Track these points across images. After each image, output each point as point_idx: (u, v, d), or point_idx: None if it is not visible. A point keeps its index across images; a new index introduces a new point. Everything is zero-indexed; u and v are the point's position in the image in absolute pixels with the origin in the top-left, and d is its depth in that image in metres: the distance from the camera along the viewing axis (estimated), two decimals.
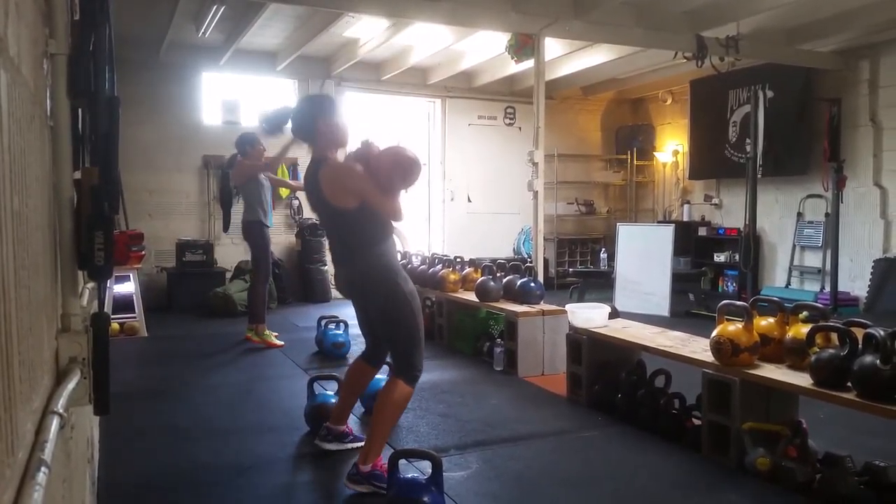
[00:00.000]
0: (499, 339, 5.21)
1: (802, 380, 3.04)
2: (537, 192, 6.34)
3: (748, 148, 7.48)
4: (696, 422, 3.61)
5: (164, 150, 8.10)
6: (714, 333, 3.41)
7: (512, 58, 6.74)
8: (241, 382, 4.81)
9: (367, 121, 9.33)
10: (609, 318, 4.46)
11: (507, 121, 10.34)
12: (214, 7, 6.05)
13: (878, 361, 2.75)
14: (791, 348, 3.26)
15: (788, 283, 8.70)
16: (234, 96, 8.58)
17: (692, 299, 8.27)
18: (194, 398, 4.42)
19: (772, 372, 3.22)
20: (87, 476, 1.77)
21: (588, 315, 4.32)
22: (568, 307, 4.50)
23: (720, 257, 9.51)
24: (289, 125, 3.18)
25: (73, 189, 1.14)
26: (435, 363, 5.39)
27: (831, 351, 2.98)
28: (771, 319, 3.48)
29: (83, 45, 1.13)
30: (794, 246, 8.70)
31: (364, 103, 9.37)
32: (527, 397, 4.47)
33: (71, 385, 0.96)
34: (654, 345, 3.83)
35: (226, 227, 8.26)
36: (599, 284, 8.54)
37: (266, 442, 3.57)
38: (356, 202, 2.94)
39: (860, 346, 2.90)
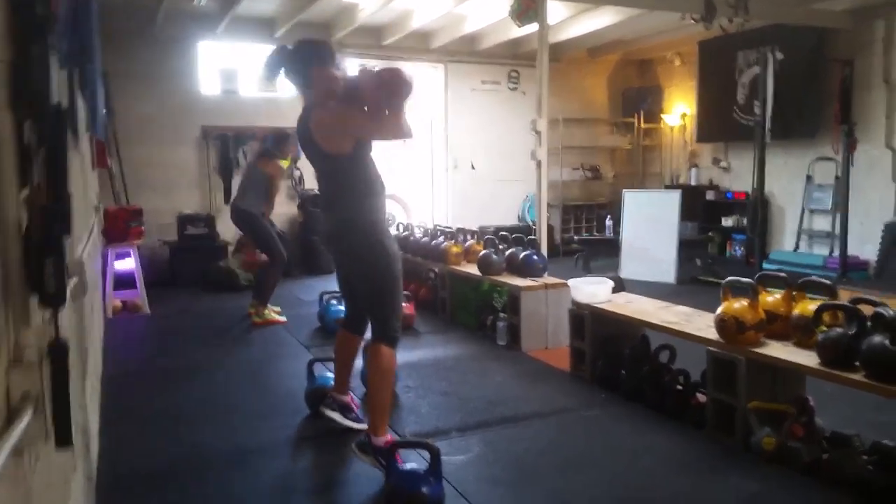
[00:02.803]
0: (502, 314, 5.14)
1: (809, 359, 2.97)
2: (540, 161, 6.22)
3: (757, 111, 7.32)
4: (702, 399, 3.56)
5: (162, 123, 7.98)
6: (718, 311, 3.34)
7: (515, 22, 6.56)
8: (243, 362, 4.78)
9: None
10: (613, 292, 4.40)
11: (511, 85, 10.15)
12: None
13: (887, 341, 2.68)
14: (798, 325, 3.19)
15: (797, 247, 8.58)
16: (231, 65, 8.42)
17: (699, 265, 8.17)
18: (196, 380, 4.40)
19: (778, 350, 3.15)
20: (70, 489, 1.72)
21: (591, 290, 4.25)
22: (570, 282, 4.43)
23: (728, 221, 9.39)
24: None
25: (20, 210, 1.06)
26: (438, 338, 5.37)
27: (839, 330, 2.91)
28: (777, 295, 3.40)
29: (28, 49, 1.04)
30: (802, 209, 8.55)
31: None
32: (530, 373, 4.43)
33: (22, 425, 0.89)
34: (658, 321, 3.76)
35: (227, 199, 8.22)
36: (605, 252, 8.45)
37: (268, 426, 3.54)
38: (351, 144, 2.87)
39: (869, 324, 2.83)
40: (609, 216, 9.20)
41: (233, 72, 8.36)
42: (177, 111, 8.05)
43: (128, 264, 6.29)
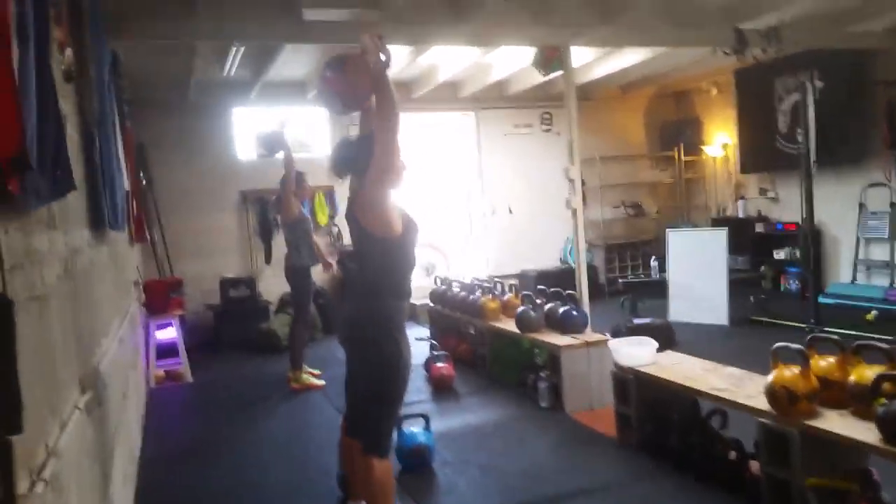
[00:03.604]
0: (542, 373, 4.97)
1: (869, 433, 2.74)
2: (576, 210, 6.07)
3: (800, 139, 7.07)
4: (755, 469, 3.34)
5: (201, 190, 8.12)
6: (768, 380, 3.13)
7: (539, 72, 6.49)
8: (280, 436, 4.72)
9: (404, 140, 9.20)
10: (662, 340, 4.16)
11: (545, 127, 10.06)
12: (234, 49, 5.99)
13: None
14: (855, 394, 2.97)
15: (854, 279, 8.19)
16: (266, 128, 8.53)
17: (752, 301, 7.85)
18: (231, 459, 4.34)
19: (834, 422, 2.93)
20: None
21: (633, 352, 4.07)
22: (611, 344, 4.26)
23: (780, 254, 9.04)
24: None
25: None
26: (477, 400, 5.23)
27: None
28: (831, 359, 3.18)
29: None
30: (857, 239, 8.18)
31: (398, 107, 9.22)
32: (573, 440, 4.25)
33: None
34: (707, 388, 3.55)
35: (268, 260, 8.30)
36: (652, 293, 8.19)
37: None
38: (400, 230, 2.76)
39: None
40: (654, 256, 8.94)
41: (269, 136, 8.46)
42: (215, 177, 8.19)
43: (170, 334, 6.34)
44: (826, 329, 6.69)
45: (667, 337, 6.53)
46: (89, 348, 2.52)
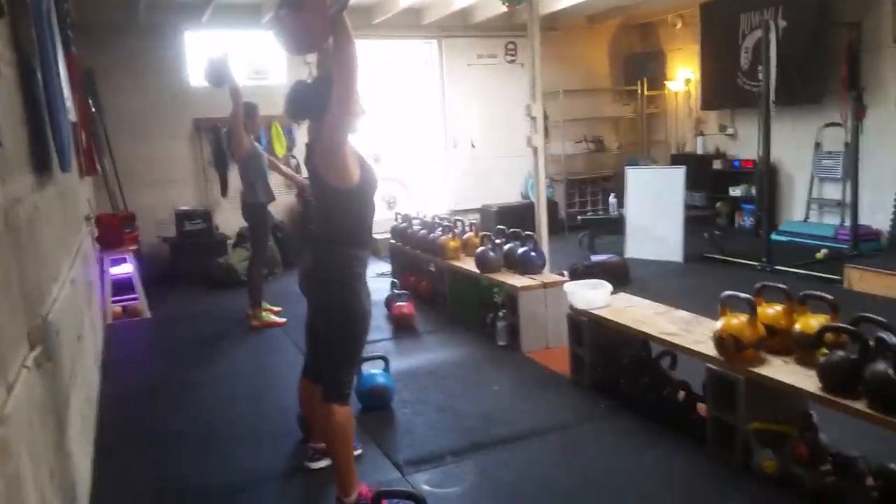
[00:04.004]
0: (501, 312, 5.04)
1: (811, 381, 2.86)
2: (537, 148, 6.04)
3: (761, 76, 7.08)
4: (703, 410, 3.47)
5: (152, 117, 7.84)
6: (716, 327, 3.22)
7: (503, 3, 6.31)
8: (239, 374, 4.73)
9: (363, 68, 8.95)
10: (617, 278, 4.20)
11: (509, 58, 9.89)
12: None
13: (890, 370, 2.56)
14: (800, 342, 3.07)
15: (807, 217, 8.39)
16: (220, 54, 8.20)
17: (707, 238, 8.00)
18: (190, 397, 4.35)
19: (779, 369, 3.04)
20: None
21: (588, 296, 4.13)
22: (567, 287, 4.31)
23: (736, 191, 9.19)
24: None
25: None
26: (437, 338, 5.29)
27: (841, 353, 2.79)
28: (778, 307, 3.28)
29: None
30: (812, 178, 8.34)
31: (358, 50, 8.95)
32: (529, 380, 4.35)
33: None
34: (657, 332, 3.64)
35: (224, 192, 8.13)
36: (610, 230, 8.29)
37: (260, 454, 3.49)
38: (358, 177, 2.71)
39: (872, 346, 2.71)
40: (613, 193, 9.01)
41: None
42: (167, 105, 7.90)
43: (125, 269, 6.22)
44: (777, 267, 6.90)
45: (622, 275, 6.66)
46: (37, 299, 2.45)
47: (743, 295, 3.20)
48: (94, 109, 7.16)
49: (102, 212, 7.14)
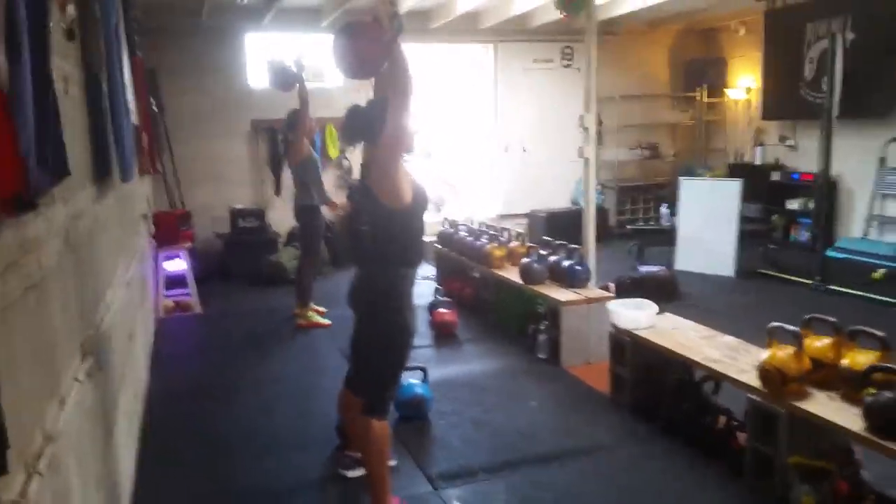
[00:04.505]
0: (543, 324, 5.03)
1: (855, 419, 2.79)
2: (588, 159, 5.99)
3: (825, 87, 6.87)
4: (742, 440, 3.41)
5: (212, 117, 8.05)
6: (761, 359, 3.17)
7: (561, 13, 6.27)
8: (283, 376, 4.84)
9: (418, 72, 9.02)
10: (664, 293, 4.13)
11: (565, 62, 9.80)
12: None
13: None
14: (846, 378, 3.00)
15: (866, 234, 8.11)
16: (278, 56, 8.37)
17: (762, 251, 7.79)
18: (235, 397, 4.47)
19: (822, 405, 2.98)
20: None
21: (632, 315, 4.10)
22: (610, 306, 4.28)
23: (793, 204, 8.92)
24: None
25: None
26: (477, 347, 5.32)
27: (888, 395, 2.71)
28: (826, 340, 3.20)
29: None
30: (873, 193, 8.05)
31: (414, 54, 9.02)
32: (567, 397, 4.34)
33: None
34: (701, 358, 3.59)
35: (277, 191, 8.27)
36: (660, 240, 8.17)
37: (300, 460, 3.58)
38: (410, 197, 2.77)
39: None
40: (665, 204, 8.87)
41: (280, 64, 8.31)
42: (226, 105, 8.10)
43: (179, 265, 6.43)
44: (831, 287, 6.71)
45: (670, 289, 6.58)
46: (92, 309, 2.57)
47: (790, 328, 3.14)
48: (155, 109, 7.39)
49: (160, 209, 7.39)
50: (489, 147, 9.68)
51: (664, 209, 8.58)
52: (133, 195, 4.73)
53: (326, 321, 5.91)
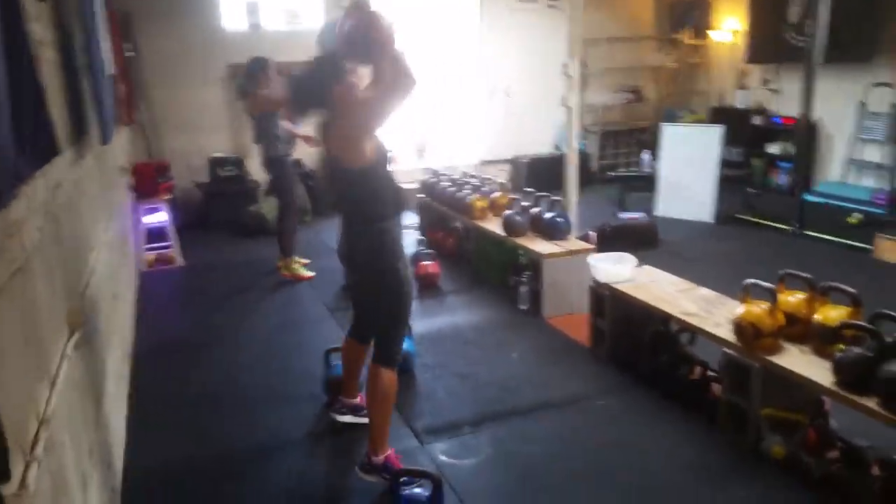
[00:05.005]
0: (524, 276, 5.09)
1: (825, 374, 2.90)
2: (571, 108, 5.96)
3: (808, 31, 6.84)
4: (717, 391, 3.53)
5: (187, 62, 7.84)
6: (736, 314, 3.25)
7: None
8: (269, 330, 4.87)
9: (396, 13, 8.81)
10: (640, 247, 4.15)
11: (550, 2, 9.60)
12: None
13: None
14: (818, 333, 3.10)
15: (844, 178, 8.20)
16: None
17: (743, 196, 7.87)
18: (221, 354, 4.51)
19: (795, 359, 3.08)
20: None
21: (611, 270, 4.16)
22: (590, 259, 4.33)
23: (773, 148, 8.97)
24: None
25: None
26: (460, 298, 5.39)
27: (858, 350, 2.81)
28: (800, 295, 3.29)
29: None
30: (852, 138, 8.11)
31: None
32: (548, 348, 4.44)
33: None
34: (678, 312, 3.68)
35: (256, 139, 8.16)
36: (641, 186, 8.21)
37: (286, 415, 3.66)
38: (370, 150, 2.77)
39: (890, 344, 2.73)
40: (646, 149, 8.87)
41: (255, 5, 8.09)
42: (202, 49, 7.88)
43: (160, 217, 6.38)
44: (807, 232, 6.83)
45: (650, 237, 6.66)
46: (76, 279, 2.57)
47: (765, 284, 3.21)
48: (131, 54, 7.20)
49: (138, 158, 7.28)
50: (472, 91, 9.55)
51: (646, 155, 8.59)
52: (111, 149, 4.65)
53: (310, 273, 5.93)
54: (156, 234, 6.47)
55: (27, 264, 1.77)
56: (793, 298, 3.28)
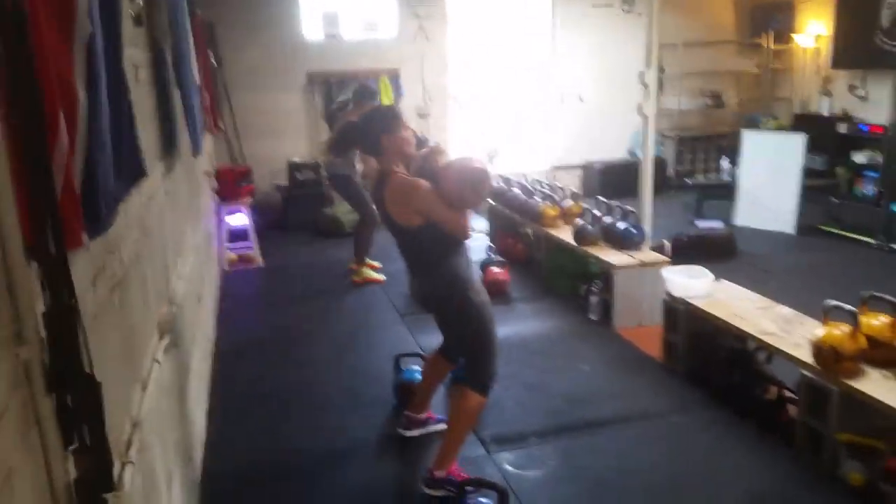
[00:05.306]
0: (595, 286, 5.06)
1: None
2: (647, 117, 5.87)
3: None
4: (793, 412, 3.44)
5: (269, 70, 8.12)
6: (816, 336, 3.16)
7: None
8: (342, 332, 5.00)
9: (473, 21, 8.91)
10: (718, 257, 4.07)
11: (625, 7, 9.47)
12: None
13: None
14: None
15: None
16: (333, 8, 8.36)
17: (825, 206, 7.58)
18: (297, 355, 4.65)
19: (877, 383, 2.98)
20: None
21: (687, 284, 4.09)
22: (665, 273, 4.27)
23: (859, 157, 8.58)
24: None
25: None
26: (530, 306, 5.39)
27: None
28: (883, 319, 3.17)
29: None
30: None
31: (469, 3, 8.87)
32: (619, 361, 4.40)
33: None
34: (755, 331, 3.59)
35: None
36: (719, 195, 8.00)
37: (357, 420, 3.74)
38: (421, 220, 2.87)
39: None
40: (726, 156, 8.65)
41: (334, 15, 8.31)
42: (283, 57, 8.15)
43: (241, 220, 6.63)
44: (894, 246, 6.53)
45: (728, 248, 6.51)
46: (166, 285, 2.72)
47: (847, 307, 3.11)
48: (214, 63, 7.50)
49: (221, 162, 7.58)
50: (545, 96, 9.52)
51: (725, 162, 8.38)
52: (198, 156, 4.87)
53: (381, 277, 6.04)
54: (238, 235, 6.72)
55: (125, 278, 1.90)
56: (876, 322, 3.17)
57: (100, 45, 1.45)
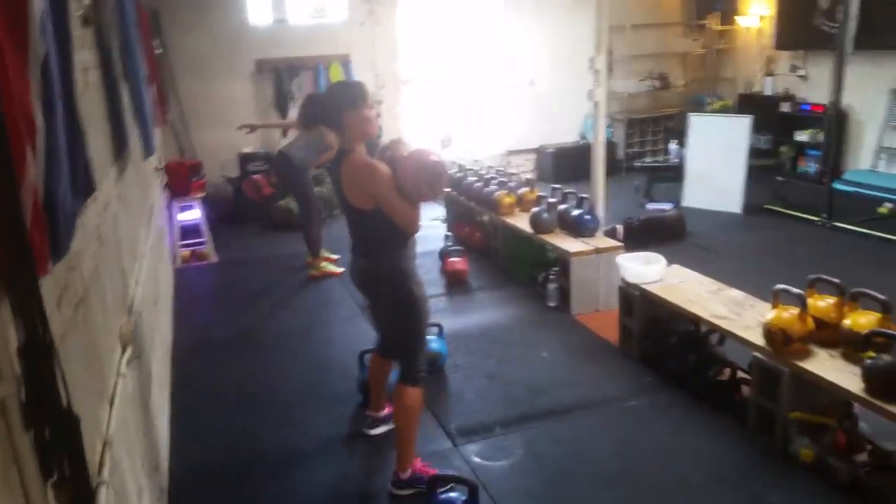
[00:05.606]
0: (552, 273, 5.14)
1: (854, 380, 2.92)
2: (598, 102, 5.94)
3: (839, 17, 6.77)
4: (746, 392, 3.57)
5: (214, 57, 7.92)
6: (766, 319, 3.28)
7: None
8: (301, 328, 4.97)
9: (424, 5, 8.84)
10: (668, 240, 4.17)
11: None
12: None
13: None
14: (847, 339, 3.12)
15: (874, 167, 8.10)
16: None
17: (771, 185, 7.82)
18: (255, 353, 4.61)
19: (824, 364, 3.11)
20: None
21: (640, 271, 4.19)
22: (619, 259, 4.36)
23: (802, 135, 8.87)
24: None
25: None
26: (488, 295, 5.44)
27: (887, 358, 2.83)
28: (830, 300, 3.31)
29: None
30: (884, 125, 8.00)
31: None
32: (577, 347, 4.49)
33: None
34: (707, 314, 3.71)
35: (284, 134, 8.25)
36: (668, 176, 8.17)
37: (322, 418, 3.75)
38: (374, 205, 2.86)
39: None
40: (673, 139, 8.82)
41: None
42: (229, 43, 7.95)
43: (193, 215, 6.50)
44: (837, 224, 6.78)
45: (678, 230, 6.65)
46: (124, 293, 2.67)
47: (795, 290, 3.23)
48: (159, 51, 7.30)
49: (169, 156, 7.40)
50: (498, 81, 9.53)
51: (672, 145, 8.54)
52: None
53: (339, 269, 6.01)
54: (190, 231, 6.59)
55: (86, 293, 1.86)
56: (822, 303, 3.31)
57: (54, 64, 1.42)
